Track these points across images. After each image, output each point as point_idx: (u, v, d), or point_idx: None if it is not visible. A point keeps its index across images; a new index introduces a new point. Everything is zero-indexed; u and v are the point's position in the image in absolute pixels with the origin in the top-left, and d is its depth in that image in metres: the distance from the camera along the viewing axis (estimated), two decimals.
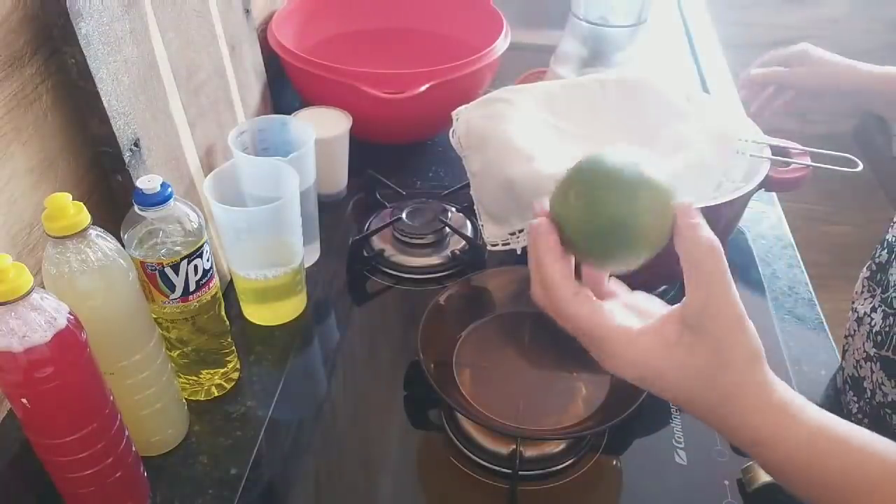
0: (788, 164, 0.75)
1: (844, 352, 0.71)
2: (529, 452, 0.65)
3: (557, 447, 0.66)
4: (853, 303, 0.71)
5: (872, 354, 0.65)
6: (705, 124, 0.79)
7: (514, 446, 0.64)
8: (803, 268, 0.88)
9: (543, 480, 0.65)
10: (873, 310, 0.66)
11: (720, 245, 0.43)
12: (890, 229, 0.68)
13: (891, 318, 0.63)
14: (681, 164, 0.75)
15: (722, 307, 0.43)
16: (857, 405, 0.68)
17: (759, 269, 0.87)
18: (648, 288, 0.72)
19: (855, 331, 0.69)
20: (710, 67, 1.25)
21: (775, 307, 0.81)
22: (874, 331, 0.65)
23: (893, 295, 0.63)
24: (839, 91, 0.95)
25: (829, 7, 2.34)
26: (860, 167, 0.71)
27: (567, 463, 0.66)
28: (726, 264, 0.43)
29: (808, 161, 0.74)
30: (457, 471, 0.65)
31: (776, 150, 0.76)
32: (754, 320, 0.66)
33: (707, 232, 0.43)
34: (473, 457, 0.66)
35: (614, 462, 0.67)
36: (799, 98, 0.97)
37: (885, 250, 0.67)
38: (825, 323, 0.80)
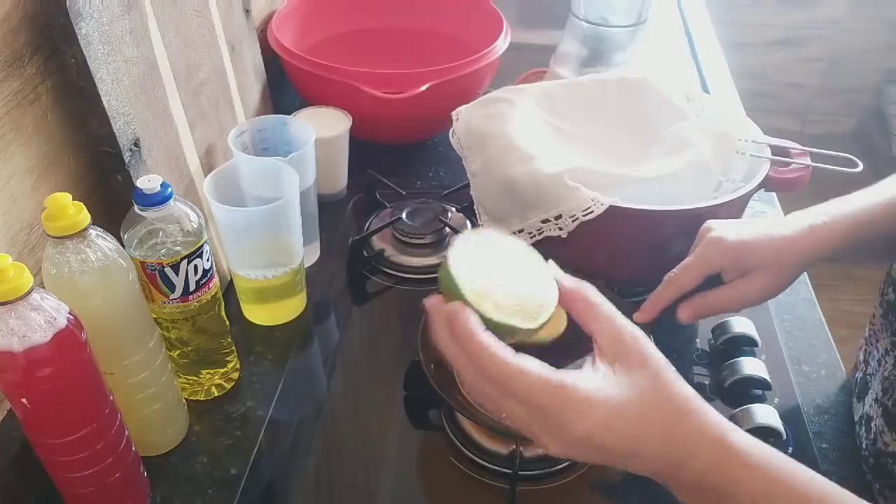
0: (788, 164, 0.75)
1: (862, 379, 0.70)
2: (529, 452, 0.65)
3: None
4: (870, 328, 0.69)
5: (880, 396, 0.64)
6: (705, 124, 0.79)
7: (514, 446, 0.64)
8: None
9: (543, 480, 0.65)
10: (886, 352, 0.65)
11: (585, 284, 0.47)
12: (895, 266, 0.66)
13: None
14: (681, 164, 0.75)
15: (625, 334, 0.45)
16: (864, 440, 0.67)
17: None
18: (648, 288, 0.72)
19: (868, 363, 0.69)
20: (710, 67, 1.25)
21: (775, 307, 0.81)
22: (883, 375, 0.64)
23: None
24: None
25: (829, 7, 2.34)
26: (860, 167, 0.71)
27: (567, 463, 0.65)
28: (596, 296, 0.46)
29: (808, 161, 0.74)
30: (457, 471, 0.65)
31: (776, 150, 0.76)
32: (754, 320, 0.67)
33: (566, 279, 0.47)
34: (473, 457, 0.66)
35: None
36: None
37: (892, 289, 0.66)
38: (825, 323, 0.80)
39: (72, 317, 0.49)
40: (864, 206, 0.64)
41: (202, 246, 0.61)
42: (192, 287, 0.62)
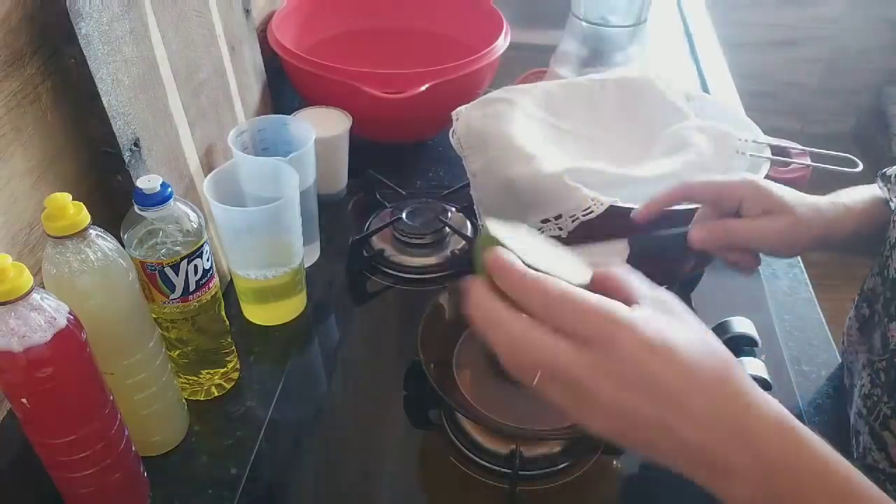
0: (788, 164, 0.75)
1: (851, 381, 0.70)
2: (529, 452, 0.65)
3: (557, 447, 0.66)
4: (847, 337, 0.70)
5: (864, 414, 0.64)
6: (705, 124, 0.79)
7: (514, 446, 0.64)
8: (803, 268, 0.88)
9: (543, 480, 0.65)
10: (863, 367, 0.65)
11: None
12: (867, 279, 0.66)
13: (878, 390, 0.62)
14: (681, 164, 0.75)
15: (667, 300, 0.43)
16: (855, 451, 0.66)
17: (760, 269, 0.87)
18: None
19: (852, 372, 0.69)
20: (710, 67, 1.25)
21: (775, 307, 0.81)
22: (863, 392, 0.64)
23: (879, 365, 0.61)
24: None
25: (829, 7, 2.34)
26: (860, 167, 0.71)
27: (567, 463, 0.66)
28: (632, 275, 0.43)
29: (808, 161, 0.74)
30: (457, 471, 0.65)
31: (776, 150, 0.76)
32: (755, 320, 0.66)
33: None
34: (473, 457, 0.66)
35: (614, 462, 0.67)
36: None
37: (866, 304, 0.66)
38: (825, 323, 0.80)
39: (72, 317, 0.49)
40: (879, 194, 0.65)
41: (202, 246, 0.61)
42: (192, 287, 0.62)
